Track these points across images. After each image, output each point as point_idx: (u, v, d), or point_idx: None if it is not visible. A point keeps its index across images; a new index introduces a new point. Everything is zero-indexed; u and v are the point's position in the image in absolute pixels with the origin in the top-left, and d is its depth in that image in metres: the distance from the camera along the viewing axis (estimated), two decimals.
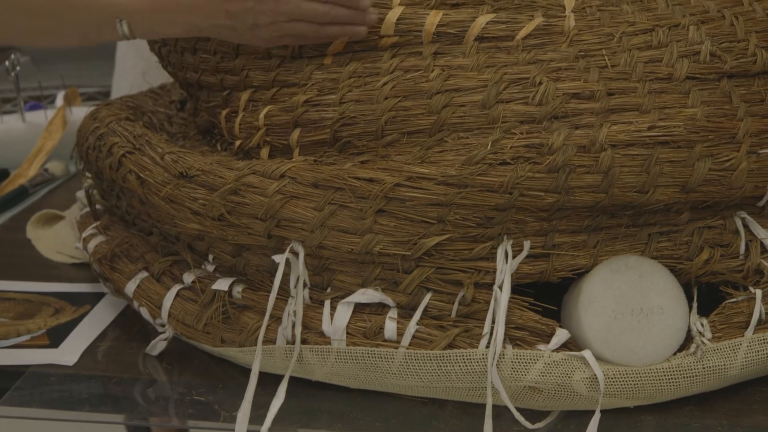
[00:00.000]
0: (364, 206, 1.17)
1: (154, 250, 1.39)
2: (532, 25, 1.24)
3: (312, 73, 1.28)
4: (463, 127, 1.20)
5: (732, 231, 1.26)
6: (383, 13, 1.26)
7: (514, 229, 1.18)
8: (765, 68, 1.25)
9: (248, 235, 1.23)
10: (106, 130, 1.45)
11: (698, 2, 1.28)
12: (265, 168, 1.22)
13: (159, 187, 1.29)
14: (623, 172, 1.17)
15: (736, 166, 1.20)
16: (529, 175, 1.15)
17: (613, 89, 1.20)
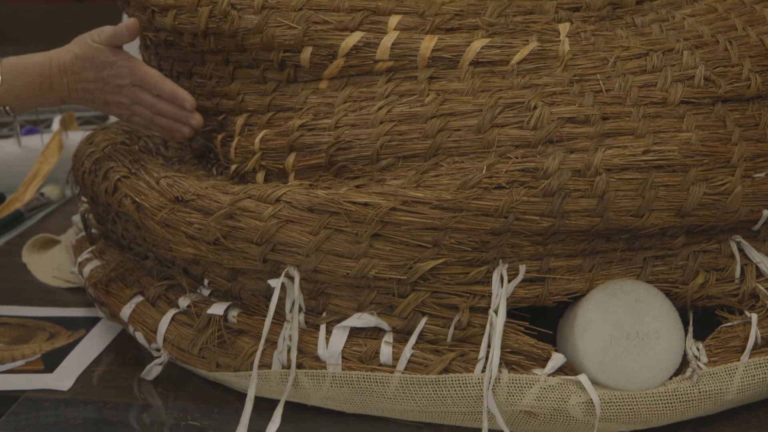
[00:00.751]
0: (360, 230, 1.17)
1: (150, 274, 1.39)
2: (527, 49, 1.25)
3: (307, 97, 1.29)
4: (459, 151, 1.20)
5: (727, 255, 1.26)
6: (378, 38, 1.26)
7: (509, 253, 1.19)
8: (759, 93, 1.26)
9: (244, 259, 1.23)
10: (102, 154, 1.45)
11: (692, 27, 1.29)
12: (261, 192, 1.22)
13: (154, 211, 1.29)
14: (618, 196, 1.17)
15: (731, 190, 1.20)
16: (524, 200, 1.16)
17: (608, 113, 1.20)
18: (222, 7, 1.31)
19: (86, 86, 1.38)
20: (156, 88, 1.37)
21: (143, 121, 1.40)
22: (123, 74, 1.37)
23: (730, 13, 1.32)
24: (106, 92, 1.38)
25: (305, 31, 1.27)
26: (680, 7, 1.33)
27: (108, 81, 1.37)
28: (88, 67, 1.37)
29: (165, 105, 1.38)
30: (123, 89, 1.37)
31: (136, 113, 1.40)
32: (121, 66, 1.37)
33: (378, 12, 1.27)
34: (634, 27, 1.29)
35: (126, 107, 1.39)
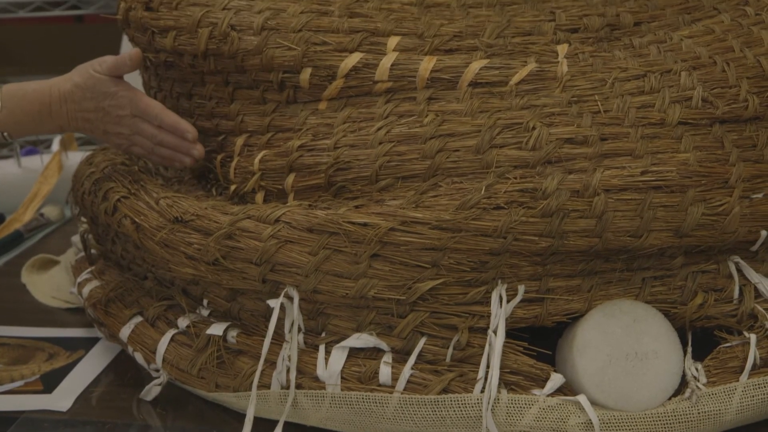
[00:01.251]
0: (359, 251, 1.17)
1: (149, 294, 1.39)
2: (526, 70, 1.25)
3: (307, 118, 1.29)
4: (457, 171, 1.20)
5: (726, 275, 1.26)
6: (377, 59, 1.27)
7: (508, 273, 1.19)
8: (756, 114, 1.26)
9: (243, 279, 1.23)
10: (102, 175, 1.45)
11: (690, 48, 1.29)
12: (260, 213, 1.22)
13: (154, 231, 1.29)
14: (617, 216, 1.17)
15: (729, 210, 1.21)
16: (523, 220, 1.16)
17: (606, 134, 1.20)
18: (222, 28, 1.32)
19: (86, 116, 1.38)
20: (158, 119, 1.38)
21: (143, 151, 1.41)
22: (123, 105, 1.37)
23: (728, 34, 1.32)
24: (106, 122, 1.38)
25: (305, 53, 1.28)
26: (678, 28, 1.34)
27: (108, 111, 1.37)
28: (88, 96, 1.37)
29: (166, 135, 1.39)
30: (123, 120, 1.38)
31: (136, 143, 1.40)
32: (122, 97, 1.37)
33: (377, 33, 1.28)
34: (632, 48, 1.30)
35: (126, 137, 1.40)
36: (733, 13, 1.37)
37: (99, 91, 1.37)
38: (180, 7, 1.36)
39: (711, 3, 1.39)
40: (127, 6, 1.45)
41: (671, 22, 1.35)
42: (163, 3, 1.39)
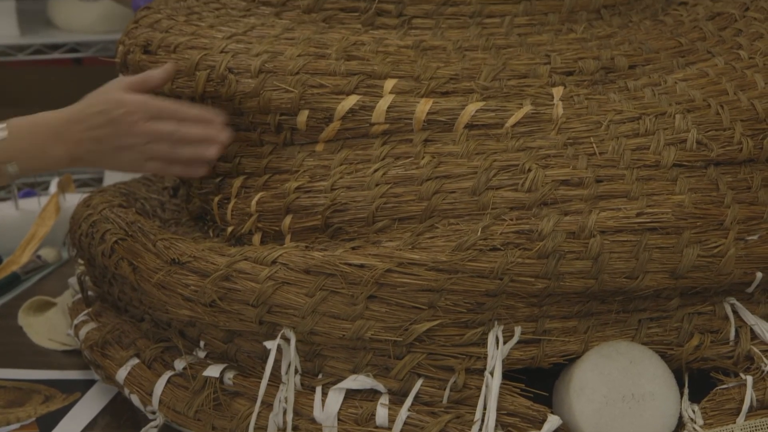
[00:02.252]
0: (356, 292, 1.18)
1: (146, 336, 1.39)
2: (521, 113, 1.26)
3: (304, 160, 1.30)
4: (454, 213, 1.21)
5: (722, 317, 1.26)
6: (374, 101, 1.27)
7: (504, 314, 1.19)
8: (751, 156, 1.27)
9: (240, 321, 1.23)
10: (99, 217, 1.46)
11: (684, 91, 1.30)
12: (257, 254, 1.23)
13: (151, 273, 1.30)
14: (612, 258, 1.18)
15: (724, 252, 1.21)
16: (519, 261, 1.16)
17: (602, 176, 1.21)
18: (219, 71, 1.33)
19: (95, 134, 1.28)
20: (178, 113, 1.29)
21: (160, 162, 1.31)
22: (135, 110, 1.28)
23: (722, 77, 1.33)
24: (118, 136, 1.28)
25: (302, 95, 1.29)
26: (672, 71, 1.35)
27: (119, 121, 1.28)
28: (95, 111, 1.28)
29: (189, 127, 1.30)
30: (135, 127, 1.28)
31: (153, 154, 1.30)
32: (131, 102, 1.28)
33: (374, 76, 1.29)
34: (627, 91, 1.31)
35: (140, 150, 1.29)
36: (727, 56, 1.38)
37: (108, 101, 1.29)
38: (178, 50, 1.37)
39: (705, 46, 1.40)
40: (125, 49, 1.46)
41: (666, 65, 1.36)
42: (161, 46, 1.40)
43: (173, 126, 1.29)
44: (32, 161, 1.30)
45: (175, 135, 1.29)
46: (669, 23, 1.46)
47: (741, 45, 1.40)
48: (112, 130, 1.28)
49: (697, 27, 1.44)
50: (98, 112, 1.28)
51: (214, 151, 1.31)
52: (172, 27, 1.43)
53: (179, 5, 1.53)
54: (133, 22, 1.51)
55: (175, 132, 1.29)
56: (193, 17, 1.46)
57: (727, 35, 1.43)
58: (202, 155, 1.31)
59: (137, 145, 1.29)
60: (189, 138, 1.30)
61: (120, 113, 1.27)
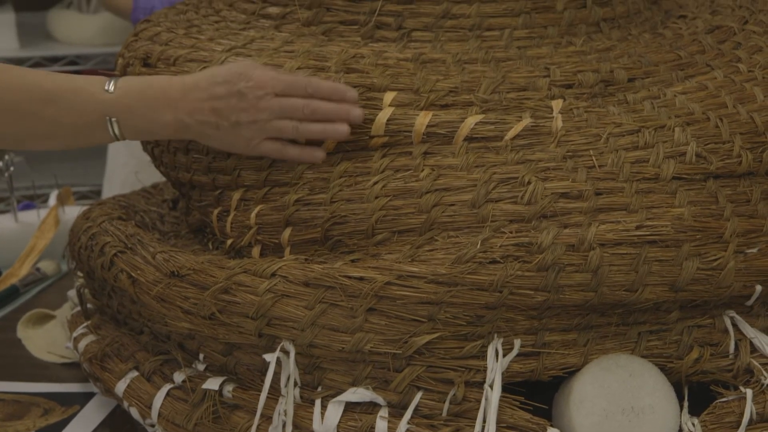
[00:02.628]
0: (355, 305, 1.18)
1: (145, 349, 1.39)
2: (521, 125, 1.26)
3: (303, 172, 1.30)
4: (453, 225, 1.21)
5: (721, 330, 1.26)
6: (374, 114, 1.27)
7: (504, 327, 1.19)
8: (750, 169, 1.27)
9: (239, 333, 1.23)
10: (99, 229, 1.46)
11: (683, 104, 1.30)
12: (256, 267, 1.23)
13: (150, 286, 1.30)
14: (612, 271, 1.18)
15: (723, 265, 1.21)
16: (518, 274, 1.16)
17: (601, 189, 1.21)
18: None
19: (215, 105, 1.21)
20: (310, 86, 1.22)
21: (278, 144, 1.24)
22: (263, 84, 1.21)
23: (721, 90, 1.33)
24: (240, 110, 1.21)
25: None
26: (671, 84, 1.35)
27: (245, 93, 1.21)
28: (219, 81, 1.22)
29: (319, 103, 1.22)
30: (262, 102, 1.21)
31: (273, 130, 1.23)
32: (260, 75, 1.22)
33: (373, 88, 1.29)
34: (626, 104, 1.31)
35: (261, 127, 1.22)
36: (726, 69, 1.38)
37: (232, 73, 1.22)
38: (177, 63, 1.38)
39: (704, 60, 1.40)
40: (125, 62, 1.46)
41: (665, 79, 1.36)
42: (161, 59, 1.40)
43: (301, 102, 1.22)
44: (137, 122, 1.23)
45: (305, 109, 1.22)
46: (668, 36, 1.46)
47: (740, 58, 1.40)
48: (235, 102, 1.21)
49: (696, 40, 1.44)
50: (222, 82, 1.21)
51: (345, 130, 1.24)
52: (171, 40, 1.43)
53: (179, 18, 1.53)
54: (133, 35, 1.52)
55: (303, 107, 1.22)
56: (192, 30, 1.46)
57: (727, 48, 1.43)
58: (331, 133, 1.24)
59: (259, 122, 1.22)
60: (319, 113, 1.23)
61: (247, 86, 1.21)
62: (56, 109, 1.22)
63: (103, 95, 1.23)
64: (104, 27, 3.33)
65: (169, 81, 1.24)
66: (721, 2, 1.56)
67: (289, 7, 1.42)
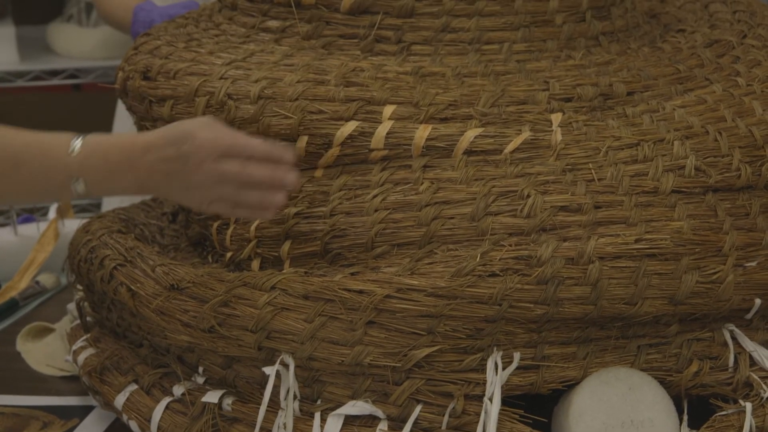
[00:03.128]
0: (355, 318, 1.18)
1: (144, 362, 1.39)
2: (520, 139, 1.26)
3: (303, 185, 1.30)
4: (453, 238, 1.21)
5: (721, 343, 1.26)
6: (373, 127, 1.28)
7: (503, 340, 1.19)
8: (749, 183, 1.27)
9: (238, 346, 1.23)
10: (98, 242, 1.46)
11: (682, 118, 1.31)
12: (256, 280, 1.23)
13: (150, 299, 1.30)
14: (611, 284, 1.18)
15: (723, 278, 1.21)
16: (518, 287, 1.16)
17: (600, 202, 1.21)
18: (219, 97, 1.33)
19: (166, 167, 1.21)
20: (248, 148, 1.21)
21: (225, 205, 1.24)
22: (203, 147, 1.21)
23: (720, 104, 1.34)
24: (186, 173, 1.21)
25: (301, 121, 1.29)
26: (670, 98, 1.35)
27: (188, 157, 1.21)
28: (170, 142, 1.21)
29: (254, 169, 1.21)
30: (203, 166, 1.21)
31: (218, 196, 1.23)
32: (202, 138, 1.21)
33: (373, 102, 1.29)
34: (625, 117, 1.31)
35: (206, 190, 1.22)
36: (724, 83, 1.39)
37: (180, 133, 1.22)
38: (177, 77, 1.38)
39: (703, 73, 1.41)
40: (125, 75, 1.46)
41: (664, 92, 1.37)
42: (161, 72, 1.40)
43: (238, 167, 1.22)
44: (101, 182, 1.24)
45: (240, 177, 1.22)
46: (667, 50, 1.46)
47: (739, 72, 1.41)
48: (181, 166, 1.21)
49: (695, 54, 1.45)
50: (172, 143, 1.22)
51: (280, 198, 1.24)
52: (171, 53, 1.43)
53: (179, 32, 1.53)
54: (133, 48, 1.52)
55: (240, 174, 1.22)
56: (192, 44, 1.47)
57: (725, 62, 1.44)
58: (267, 201, 1.24)
59: (204, 185, 1.22)
60: (254, 180, 1.22)
61: (189, 148, 1.21)
62: (23, 173, 1.24)
63: (68, 158, 1.23)
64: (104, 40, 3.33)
65: (132, 141, 1.24)
66: (720, 17, 1.57)
67: (289, 21, 1.42)
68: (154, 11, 2.15)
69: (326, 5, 1.39)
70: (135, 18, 2.18)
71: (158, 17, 2.11)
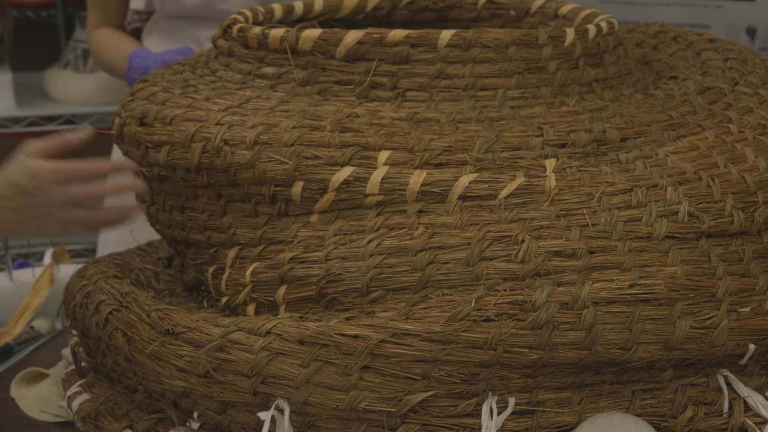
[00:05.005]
0: (350, 363, 1.18)
1: (139, 407, 1.39)
2: (514, 184, 1.27)
3: (298, 230, 1.30)
4: (448, 283, 1.21)
5: (715, 389, 1.26)
6: (368, 173, 1.28)
7: (498, 385, 1.19)
8: (742, 228, 1.28)
9: (234, 392, 1.23)
10: (94, 287, 1.46)
11: (675, 164, 1.31)
12: (251, 325, 1.23)
13: (145, 344, 1.30)
14: (606, 329, 1.18)
15: (716, 324, 1.22)
16: (512, 332, 1.16)
17: (594, 247, 1.22)
18: (215, 143, 1.34)
19: (11, 205, 1.27)
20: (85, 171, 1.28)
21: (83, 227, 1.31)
22: (41, 177, 1.26)
23: (712, 150, 1.35)
24: (34, 206, 1.26)
25: (296, 166, 1.30)
26: (663, 144, 1.36)
27: (30, 191, 1.26)
28: (9, 184, 1.27)
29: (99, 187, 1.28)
30: (48, 195, 1.26)
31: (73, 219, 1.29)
32: (39, 169, 1.26)
33: (368, 147, 1.30)
34: (619, 163, 1.32)
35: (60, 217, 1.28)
36: (717, 130, 1.40)
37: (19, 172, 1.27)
38: (174, 123, 1.38)
39: (695, 120, 1.42)
40: (121, 121, 1.47)
41: (657, 138, 1.37)
42: (158, 118, 1.41)
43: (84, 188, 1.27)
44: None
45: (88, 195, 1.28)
46: (660, 97, 1.47)
47: (731, 119, 1.42)
48: (26, 201, 1.27)
49: (687, 101, 1.46)
50: (10, 184, 1.27)
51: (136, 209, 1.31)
52: (168, 99, 1.44)
53: (175, 78, 1.54)
54: (130, 94, 1.53)
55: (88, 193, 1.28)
56: (189, 90, 1.47)
57: (717, 109, 1.45)
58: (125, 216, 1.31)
59: (54, 213, 1.28)
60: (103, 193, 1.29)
61: (31, 184, 1.26)
62: None
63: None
64: (100, 86, 3.34)
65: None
66: (712, 64, 1.58)
67: (285, 68, 1.43)
68: (149, 58, 2.16)
69: (322, 52, 1.40)
70: (130, 64, 2.19)
71: (153, 64, 2.12)
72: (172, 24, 2.34)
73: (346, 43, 1.38)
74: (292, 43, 1.41)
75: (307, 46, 1.40)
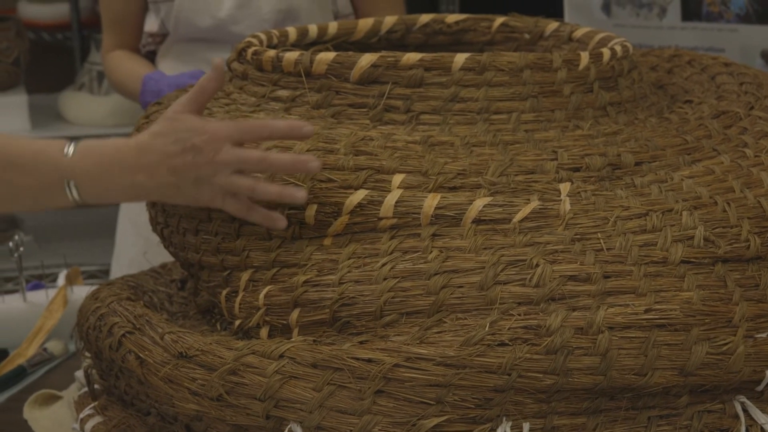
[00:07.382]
0: (363, 387, 1.17)
1: (152, 430, 1.38)
2: (529, 208, 1.27)
3: (312, 253, 1.30)
4: (462, 307, 1.21)
5: (732, 415, 1.25)
6: (382, 196, 1.28)
7: (512, 410, 1.18)
8: (758, 254, 1.27)
9: (246, 415, 1.22)
10: (107, 310, 1.46)
11: (691, 188, 1.31)
12: (264, 348, 1.23)
13: (158, 367, 1.29)
14: (621, 354, 1.17)
15: (733, 350, 1.21)
16: (527, 357, 1.16)
17: (609, 272, 1.21)
18: None
19: (173, 163, 1.18)
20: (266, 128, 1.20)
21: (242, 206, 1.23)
22: (218, 135, 1.19)
23: (728, 175, 1.34)
24: (198, 166, 1.18)
25: (310, 189, 1.30)
26: (678, 168, 1.36)
27: (201, 148, 1.18)
28: (172, 140, 1.19)
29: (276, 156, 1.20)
30: (219, 155, 1.18)
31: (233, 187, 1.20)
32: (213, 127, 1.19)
33: (382, 171, 1.30)
34: (634, 187, 1.32)
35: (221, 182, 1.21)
36: (732, 154, 1.39)
37: (185, 128, 1.20)
38: None
39: (711, 144, 1.41)
40: None
41: (672, 163, 1.37)
42: None
43: (257, 154, 1.20)
44: (95, 186, 1.21)
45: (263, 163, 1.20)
46: (674, 121, 1.47)
47: (746, 143, 1.41)
48: (192, 158, 1.18)
49: (702, 125, 1.45)
50: (175, 141, 1.19)
51: (302, 195, 1.22)
52: None
53: None
54: (144, 117, 1.53)
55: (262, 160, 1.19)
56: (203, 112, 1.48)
57: (733, 133, 1.44)
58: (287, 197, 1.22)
59: (219, 176, 1.20)
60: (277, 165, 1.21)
61: (203, 139, 1.18)
62: (16, 173, 1.22)
63: (62, 159, 1.22)
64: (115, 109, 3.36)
65: (126, 143, 1.22)
66: (727, 88, 1.58)
67: (299, 90, 1.43)
68: (162, 81, 2.17)
69: (336, 75, 1.40)
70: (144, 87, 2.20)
71: (167, 87, 2.13)
72: (185, 47, 2.35)
73: (360, 66, 1.38)
74: (306, 66, 1.41)
75: (321, 69, 1.40)
